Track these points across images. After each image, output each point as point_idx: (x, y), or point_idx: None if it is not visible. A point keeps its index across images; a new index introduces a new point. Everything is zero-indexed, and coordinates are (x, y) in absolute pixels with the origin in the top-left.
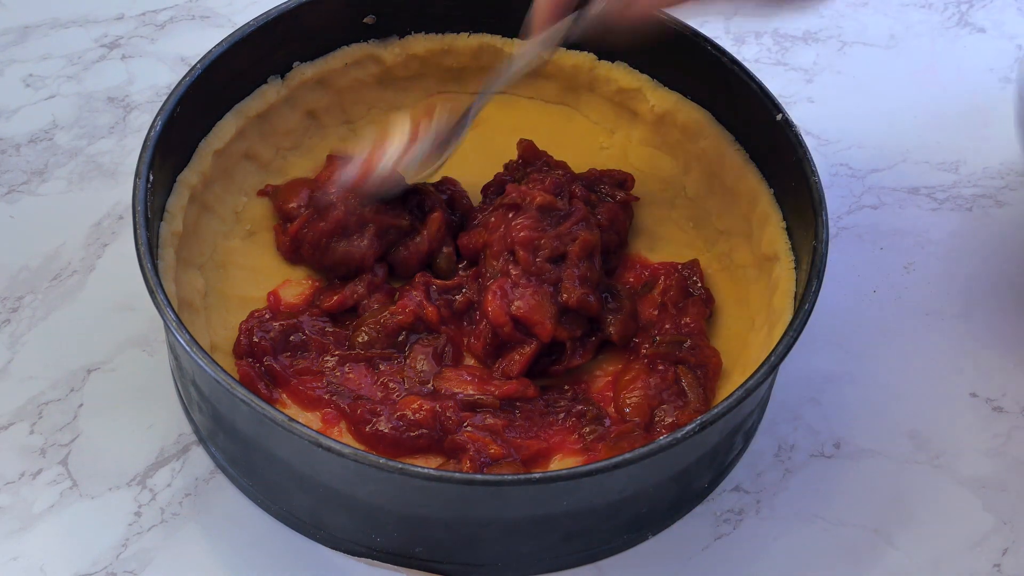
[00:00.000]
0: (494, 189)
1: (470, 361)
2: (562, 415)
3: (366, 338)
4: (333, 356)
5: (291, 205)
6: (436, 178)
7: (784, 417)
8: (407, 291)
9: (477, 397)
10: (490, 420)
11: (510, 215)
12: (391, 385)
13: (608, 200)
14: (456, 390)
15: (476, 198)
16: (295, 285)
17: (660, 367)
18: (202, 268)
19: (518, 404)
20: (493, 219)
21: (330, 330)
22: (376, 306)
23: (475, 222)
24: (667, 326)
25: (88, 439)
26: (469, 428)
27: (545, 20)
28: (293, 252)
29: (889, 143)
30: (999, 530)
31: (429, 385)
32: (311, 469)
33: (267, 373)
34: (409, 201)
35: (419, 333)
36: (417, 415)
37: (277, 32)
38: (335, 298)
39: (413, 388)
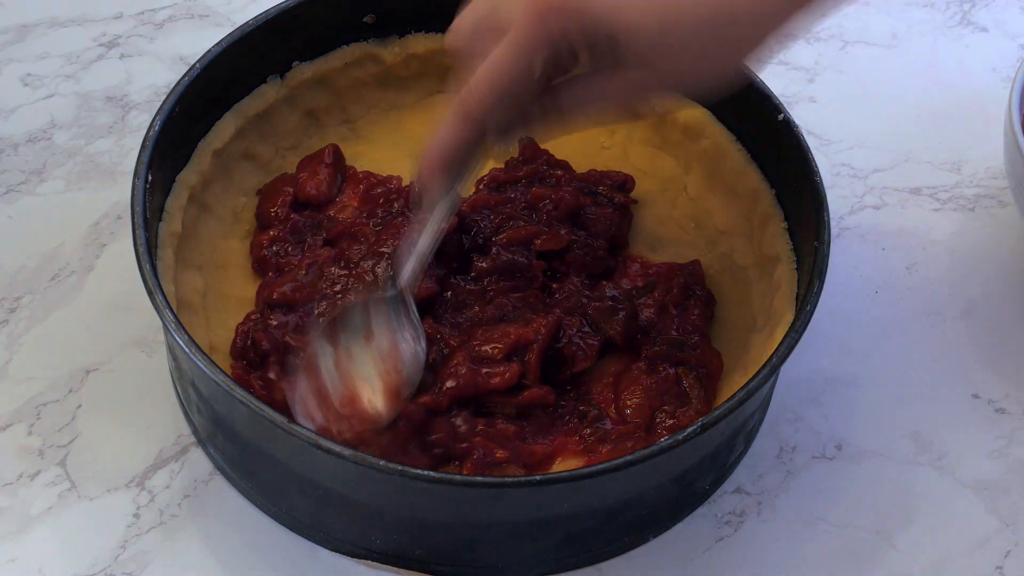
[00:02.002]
0: (486, 182)
1: None
2: (565, 417)
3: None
4: None
5: (272, 210)
6: None
7: (786, 418)
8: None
9: (499, 401)
10: (501, 425)
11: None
12: None
13: (605, 203)
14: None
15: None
16: None
17: (661, 368)
18: (201, 268)
19: (535, 412)
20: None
21: None
22: None
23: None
24: (668, 326)
25: (86, 440)
26: (479, 435)
27: (444, 181)
28: (262, 271)
29: (891, 143)
30: (1001, 532)
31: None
32: (311, 471)
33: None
34: None
35: None
36: (434, 435)
37: (276, 31)
38: None
39: None
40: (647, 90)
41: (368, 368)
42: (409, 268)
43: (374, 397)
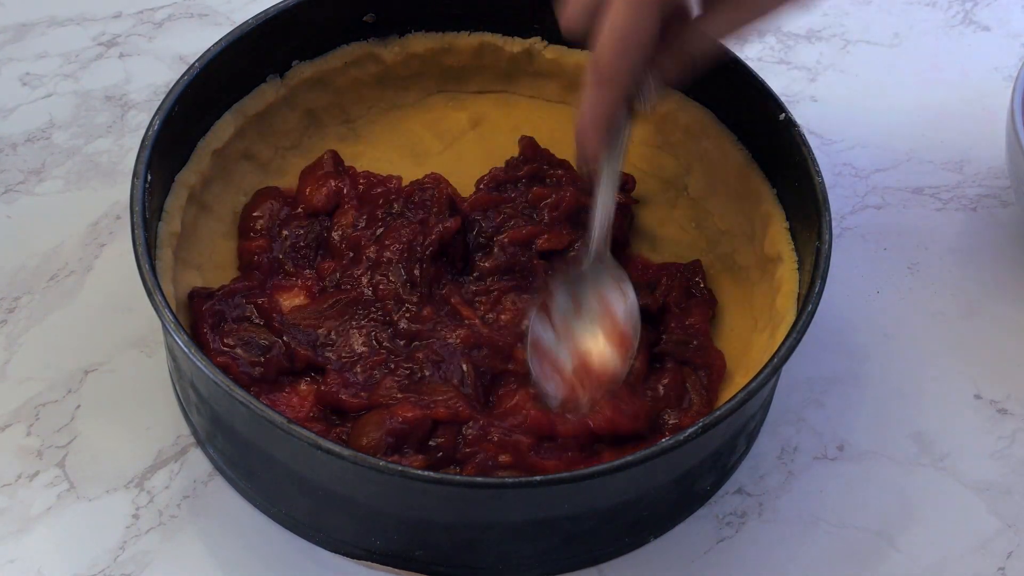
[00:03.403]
0: (487, 182)
1: None
2: None
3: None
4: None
5: (255, 214)
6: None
7: (787, 419)
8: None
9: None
10: (517, 437)
11: None
12: None
13: None
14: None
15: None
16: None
17: (668, 364)
18: (200, 268)
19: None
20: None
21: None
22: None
23: None
24: (672, 325)
25: (86, 441)
26: (493, 440)
27: (602, 148)
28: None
29: (893, 142)
30: (1003, 533)
31: None
32: (310, 471)
33: None
34: None
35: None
36: (437, 439)
37: (276, 31)
38: None
39: None
40: (767, 9)
41: (589, 333)
42: (595, 238)
43: (605, 354)
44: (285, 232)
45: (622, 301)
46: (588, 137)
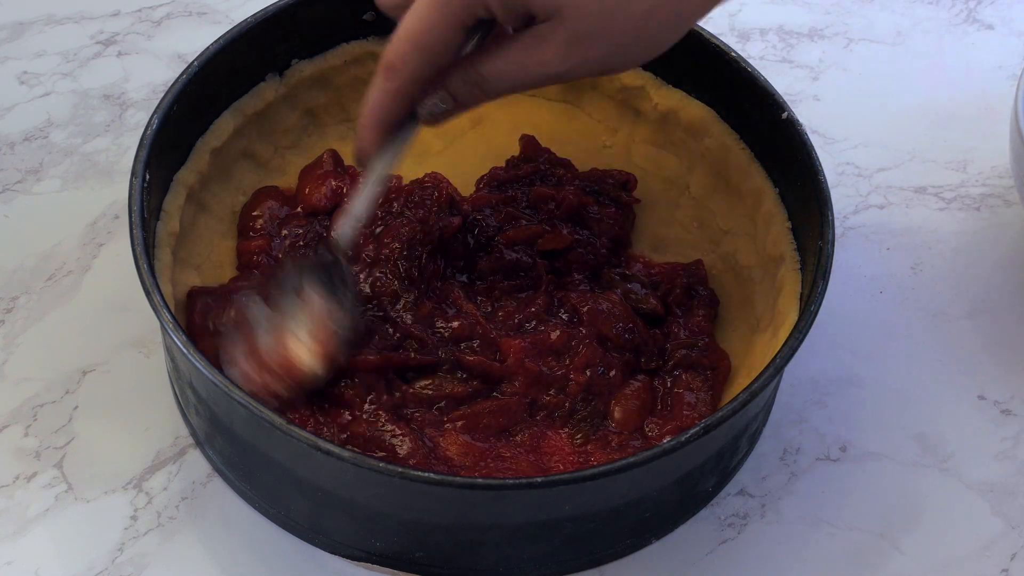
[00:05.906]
0: (488, 182)
1: None
2: (565, 415)
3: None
4: None
5: (254, 213)
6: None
7: (789, 420)
8: None
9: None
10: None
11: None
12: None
13: (607, 203)
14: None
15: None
16: None
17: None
18: (199, 268)
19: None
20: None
21: None
22: None
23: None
24: (675, 330)
25: (83, 442)
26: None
27: (377, 140)
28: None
29: (896, 142)
30: (1007, 535)
31: None
32: (309, 473)
33: None
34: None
35: None
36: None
37: (275, 29)
38: None
39: None
40: (571, 72)
41: (302, 327)
42: (343, 231)
43: (306, 355)
44: (284, 232)
45: (343, 310)
46: (364, 126)
